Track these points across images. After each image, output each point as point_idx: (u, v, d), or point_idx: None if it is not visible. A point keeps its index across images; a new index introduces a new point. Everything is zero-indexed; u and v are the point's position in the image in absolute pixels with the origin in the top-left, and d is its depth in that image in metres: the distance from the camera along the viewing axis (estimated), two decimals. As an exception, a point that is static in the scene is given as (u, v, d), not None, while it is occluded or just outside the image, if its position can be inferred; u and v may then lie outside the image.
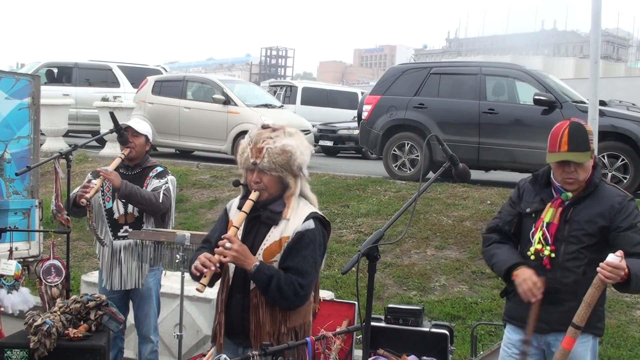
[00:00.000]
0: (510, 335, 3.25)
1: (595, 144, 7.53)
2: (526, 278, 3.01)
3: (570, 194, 3.06)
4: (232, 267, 2.86)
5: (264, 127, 2.86)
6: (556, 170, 3.09)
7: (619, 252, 2.81)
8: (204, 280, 2.68)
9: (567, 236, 3.02)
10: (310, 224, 2.81)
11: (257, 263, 2.73)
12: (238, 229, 2.78)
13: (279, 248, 2.79)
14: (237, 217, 2.80)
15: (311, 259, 2.78)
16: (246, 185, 2.90)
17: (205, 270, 2.68)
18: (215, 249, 2.72)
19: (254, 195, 2.80)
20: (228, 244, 2.69)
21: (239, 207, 2.86)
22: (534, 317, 3.05)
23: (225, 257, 2.69)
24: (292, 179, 2.83)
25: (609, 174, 8.26)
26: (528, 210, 3.17)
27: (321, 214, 2.90)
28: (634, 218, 3.00)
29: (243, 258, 2.71)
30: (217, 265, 2.70)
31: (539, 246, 3.08)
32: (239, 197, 2.99)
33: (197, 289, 2.69)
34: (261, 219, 2.84)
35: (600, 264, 2.78)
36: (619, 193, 3.07)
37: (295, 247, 2.78)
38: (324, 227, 2.89)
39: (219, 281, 2.96)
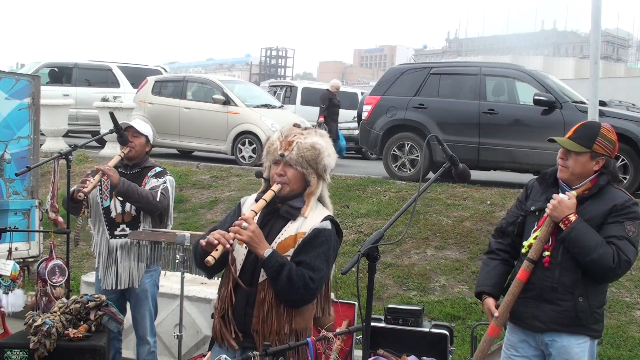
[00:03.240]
0: (510, 336, 3.25)
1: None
2: (485, 311, 3.24)
3: (575, 193, 3.06)
4: (239, 259, 2.83)
5: (296, 125, 2.91)
6: (559, 154, 3.13)
7: (570, 193, 2.97)
8: (215, 254, 2.61)
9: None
10: (328, 224, 2.83)
11: (271, 249, 2.71)
12: (256, 214, 2.76)
13: (293, 243, 2.79)
14: (256, 204, 2.79)
15: (324, 257, 2.78)
16: (267, 180, 2.89)
17: (216, 242, 2.62)
18: (230, 228, 2.68)
19: (276, 187, 2.80)
20: (245, 224, 2.67)
21: (257, 200, 2.83)
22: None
23: (241, 235, 2.65)
24: (314, 177, 2.84)
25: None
26: (532, 208, 3.18)
27: (337, 220, 2.91)
28: (624, 218, 2.99)
29: (257, 241, 2.69)
30: (231, 242, 2.66)
31: (533, 241, 3.08)
32: (255, 193, 2.97)
33: (206, 261, 2.60)
34: (279, 212, 2.85)
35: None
36: (624, 196, 3.06)
37: (310, 242, 2.78)
38: (338, 234, 2.90)
39: (217, 286, 2.94)
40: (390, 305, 4.69)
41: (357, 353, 4.76)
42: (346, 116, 17.41)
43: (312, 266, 2.74)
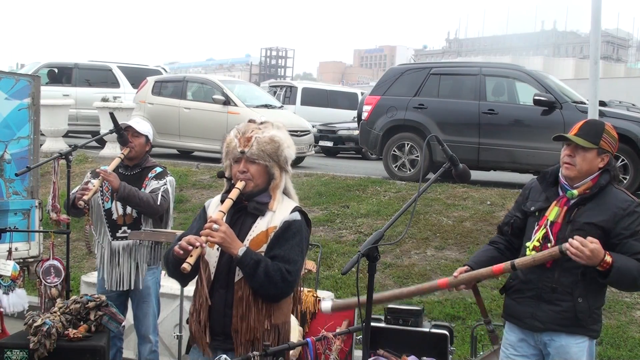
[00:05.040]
0: (509, 335, 3.25)
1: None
2: None
3: (575, 192, 3.05)
4: (212, 261, 2.83)
5: (251, 121, 2.91)
6: (562, 152, 3.11)
7: (590, 238, 2.86)
8: (191, 260, 2.60)
9: (568, 236, 3.00)
10: (297, 215, 2.84)
11: (244, 247, 2.71)
12: (225, 214, 2.75)
13: (265, 238, 2.79)
14: (223, 204, 2.77)
15: (297, 248, 2.79)
16: (230, 179, 2.89)
17: (190, 248, 2.62)
18: (202, 232, 2.67)
19: (240, 184, 2.79)
20: (215, 226, 2.66)
21: (222, 201, 2.82)
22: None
23: (213, 237, 2.64)
24: (277, 170, 2.85)
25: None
26: (532, 208, 3.17)
27: (304, 210, 2.93)
28: (637, 225, 2.97)
29: (230, 241, 2.68)
30: (204, 245, 2.66)
31: (537, 244, 3.08)
32: (219, 194, 2.96)
33: (183, 268, 2.58)
34: (247, 209, 2.84)
35: (571, 240, 2.85)
36: (626, 198, 3.04)
37: (282, 235, 2.78)
38: (307, 223, 2.91)
39: (193, 286, 2.93)
40: (390, 305, 4.69)
41: (357, 353, 4.76)
42: (346, 116, 17.44)
43: (288, 259, 2.74)
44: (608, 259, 2.86)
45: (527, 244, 3.13)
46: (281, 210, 2.83)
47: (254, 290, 2.74)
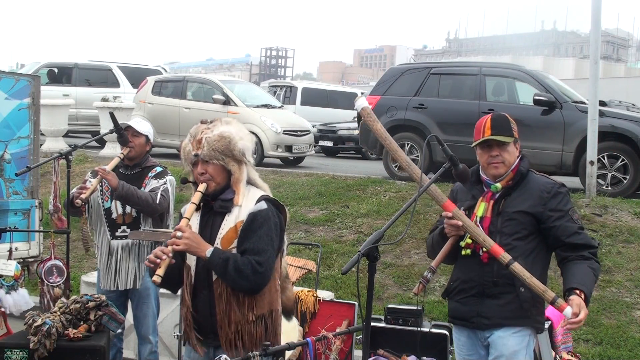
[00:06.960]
0: (460, 337, 3.25)
1: (595, 144, 7.60)
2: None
3: (499, 185, 3.11)
4: (192, 265, 2.88)
5: (202, 122, 2.95)
6: (482, 157, 3.18)
7: (581, 311, 2.76)
8: (160, 271, 2.65)
9: (500, 228, 3.06)
10: (262, 205, 2.86)
11: (212, 248, 2.75)
12: (189, 219, 2.80)
13: (235, 234, 2.83)
14: (187, 210, 2.82)
15: (266, 237, 2.81)
16: (195, 183, 2.93)
17: (158, 260, 2.67)
18: (168, 241, 2.74)
19: (201, 187, 2.83)
20: (179, 233, 2.71)
21: None
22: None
23: (177, 245, 2.70)
24: (234, 165, 2.87)
25: (609, 174, 8.25)
26: (462, 208, 3.19)
27: (273, 197, 2.95)
28: (564, 205, 3.04)
29: (196, 245, 2.73)
30: (171, 255, 2.69)
31: (469, 241, 3.09)
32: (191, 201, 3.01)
33: (154, 281, 2.65)
34: (214, 209, 2.88)
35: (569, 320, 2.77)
36: (548, 181, 3.13)
37: (249, 228, 2.82)
38: (278, 209, 2.92)
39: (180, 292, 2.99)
40: (390, 305, 4.69)
41: (357, 353, 4.76)
42: (346, 116, 17.45)
43: (256, 250, 2.77)
44: (581, 294, 2.83)
45: (461, 242, 3.13)
46: (247, 203, 2.87)
47: (230, 286, 2.79)
